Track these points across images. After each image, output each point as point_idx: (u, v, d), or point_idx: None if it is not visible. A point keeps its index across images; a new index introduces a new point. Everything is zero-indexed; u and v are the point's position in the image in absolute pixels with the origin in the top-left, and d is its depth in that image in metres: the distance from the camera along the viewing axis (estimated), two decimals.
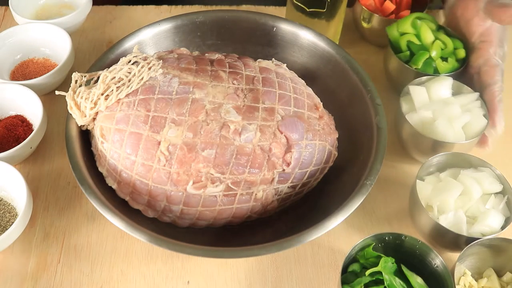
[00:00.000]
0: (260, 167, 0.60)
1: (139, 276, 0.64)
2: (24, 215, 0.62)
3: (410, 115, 0.71)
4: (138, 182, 0.60)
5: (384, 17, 0.86)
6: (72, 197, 0.70)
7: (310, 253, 0.66)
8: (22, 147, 0.68)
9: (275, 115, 0.61)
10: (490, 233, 0.61)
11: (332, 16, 0.81)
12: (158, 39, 0.76)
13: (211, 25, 0.77)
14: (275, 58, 0.74)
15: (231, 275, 0.64)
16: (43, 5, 0.92)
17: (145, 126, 0.59)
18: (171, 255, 0.65)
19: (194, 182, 0.58)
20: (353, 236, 0.68)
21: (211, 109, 0.60)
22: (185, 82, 0.62)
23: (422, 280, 0.58)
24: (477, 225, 0.62)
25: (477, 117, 0.70)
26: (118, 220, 0.56)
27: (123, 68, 0.62)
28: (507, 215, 0.63)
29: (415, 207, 0.64)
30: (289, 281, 0.64)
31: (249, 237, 0.64)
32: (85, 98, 0.61)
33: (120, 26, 0.93)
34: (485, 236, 0.61)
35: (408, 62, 0.78)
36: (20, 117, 0.74)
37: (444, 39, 0.78)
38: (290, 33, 0.77)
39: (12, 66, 0.82)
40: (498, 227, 0.62)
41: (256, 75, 0.65)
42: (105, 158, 0.62)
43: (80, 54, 0.87)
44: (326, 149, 0.64)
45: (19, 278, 0.63)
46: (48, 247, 0.65)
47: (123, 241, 0.66)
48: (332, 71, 0.75)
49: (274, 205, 0.64)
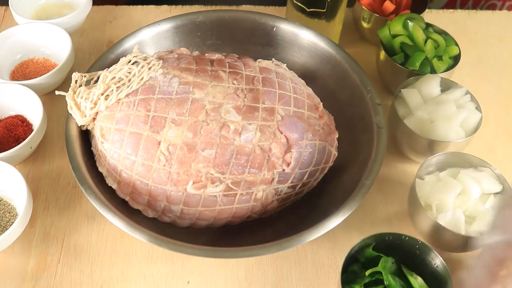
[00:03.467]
0: (260, 167, 0.60)
1: (139, 276, 0.64)
2: (24, 215, 0.62)
3: (408, 118, 0.71)
4: (138, 182, 0.60)
5: (384, 17, 0.86)
6: (72, 197, 0.70)
7: (310, 253, 0.66)
8: (22, 147, 0.68)
9: (275, 115, 0.61)
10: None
11: (332, 16, 0.81)
12: (158, 39, 0.76)
13: (211, 25, 0.77)
14: (275, 58, 0.74)
15: (231, 275, 0.64)
16: (43, 5, 0.92)
17: (145, 126, 0.59)
18: (171, 255, 0.65)
19: (194, 182, 0.58)
20: (353, 236, 0.68)
21: (211, 109, 0.60)
22: (185, 82, 0.62)
23: (422, 280, 0.58)
24: (476, 225, 0.62)
25: (471, 112, 0.71)
26: (118, 220, 0.56)
27: (123, 68, 0.63)
28: None
29: (414, 206, 0.64)
30: (289, 281, 0.64)
31: (249, 237, 0.64)
32: (85, 98, 0.61)
33: (120, 26, 0.93)
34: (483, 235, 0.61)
35: (403, 63, 0.78)
36: (20, 117, 0.74)
37: (436, 37, 0.79)
38: (290, 33, 0.77)
39: (12, 66, 0.82)
40: None
41: (256, 75, 0.65)
42: (105, 158, 0.62)
43: (80, 54, 0.87)
44: (326, 149, 0.64)
45: (19, 278, 0.63)
46: (48, 247, 0.65)
47: (123, 241, 0.66)
48: (332, 71, 0.75)
49: (274, 205, 0.64)
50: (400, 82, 0.75)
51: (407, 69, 0.77)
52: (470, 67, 0.89)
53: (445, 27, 0.83)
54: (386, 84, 0.83)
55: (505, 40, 0.95)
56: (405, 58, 0.79)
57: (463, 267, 0.65)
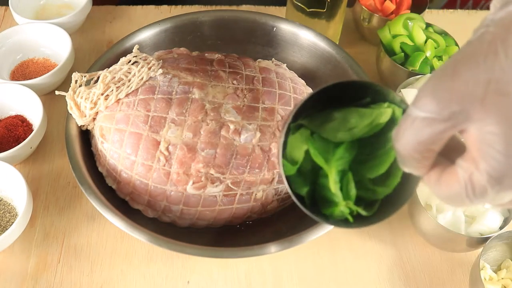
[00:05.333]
0: (260, 167, 0.60)
1: (139, 276, 0.64)
2: (24, 215, 0.62)
3: None
4: (138, 182, 0.60)
5: (384, 17, 0.86)
6: (72, 197, 0.70)
7: (310, 253, 0.66)
8: (22, 147, 0.68)
9: (275, 115, 0.61)
10: (489, 233, 0.61)
11: (332, 16, 0.81)
12: (158, 39, 0.76)
13: (211, 25, 0.77)
14: (275, 58, 0.74)
15: (231, 275, 0.64)
16: (43, 5, 0.92)
17: (145, 126, 0.59)
18: (171, 255, 0.65)
19: (194, 182, 0.58)
20: (352, 236, 0.68)
21: (211, 109, 0.60)
22: (185, 82, 0.62)
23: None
24: (476, 225, 0.62)
25: None
26: (118, 220, 0.56)
27: (123, 68, 0.63)
28: (506, 215, 0.63)
29: (414, 206, 0.64)
30: (289, 281, 0.64)
31: (249, 237, 0.64)
32: (85, 98, 0.61)
33: (120, 26, 0.93)
34: (483, 235, 0.61)
35: (403, 63, 0.78)
36: (20, 117, 0.74)
37: (436, 37, 0.79)
38: (290, 33, 0.77)
39: (12, 66, 0.82)
40: (497, 227, 0.62)
41: (256, 75, 0.65)
42: (105, 158, 0.62)
43: (80, 54, 0.87)
44: None
45: (19, 278, 0.63)
46: (48, 247, 0.65)
47: (123, 241, 0.66)
48: (332, 71, 0.75)
49: (274, 205, 0.64)
50: (400, 82, 0.75)
51: (407, 69, 0.77)
52: None
53: (445, 27, 0.83)
54: (386, 84, 0.83)
55: None
56: (405, 58, 0.79)
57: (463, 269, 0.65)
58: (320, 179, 0.44)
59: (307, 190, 0.44)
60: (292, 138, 0.44)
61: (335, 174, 0.43)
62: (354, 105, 0.43)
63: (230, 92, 0.62)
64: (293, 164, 0.44)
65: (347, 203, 0.43)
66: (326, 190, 0.44)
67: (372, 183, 0.43)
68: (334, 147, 0.43)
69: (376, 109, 0.42)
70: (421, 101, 0.33)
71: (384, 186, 0.43)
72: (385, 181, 0.43)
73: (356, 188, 0.43)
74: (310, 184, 0.45)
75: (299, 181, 0.45)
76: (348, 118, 0.43)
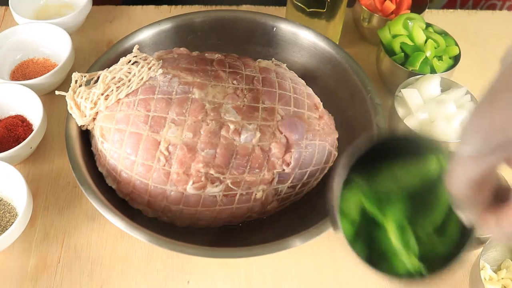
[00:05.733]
0: (260, 167, 0.60)
1: (139, 276, 0.64)
2: (24, 215, 0.62)
3: (408, 118, 0.71)
4: (138, 182, 0.60)
5: (384, 17, 0.86)
6: (72, 197, 0.70)
7: (310, 253, 0.66)
8: (22, 147, 0.68)
9: (275, 115, 0.61)
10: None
11: (332, 16, 0.81)
12: (158, 39, 0.76)
13: (211, 25, 0.77)
14: (275, 58, 0.74)
15: (231, 275, 0.64)
16: (43, 5, 0.92)
17: (145, 126, 0.59)
18: (171, 255, 0.65)
19: (194, 182, 0.58)
20: None
21: (211, 109, 0.60)
22: (185, 82, 0.62)
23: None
24: None
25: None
26: (118, 220, 0.56)
27: (123, 68, 0.63)
28: None
29: None
30: (289, 281, 0.64)
31: (249, 237, 0.64)
32: (85, 98, 0.61)
33: (120, 26, 0.93)
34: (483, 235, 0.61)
35: (403, 63, 0.78)
36: (20, 117, 0.74)
37: (436, 37, 0.79)
38: (290, 33, 0.77)
39: (12, 66, 0.82)
40: None
41: (256, 75, 0.65)
42: (105, 158, 0.62)
43: (80, 54, 0.87)
44: (326, 149, 0.64)
45: (19, 278, 0.63)
46: (48, 247, 0.65)
47: (123, 241, 0.66)
48: (332, 71, 0.75)
49: (274, 205, 0.64)
50: (400, 82, 0.75)
51: (407, 69, 0.77)
52: (470, 67, 0.89)
53: (445, 27, 0.83)
54: (386, 84, 0.83)
55: (505, 40, 0.95)
56: (405, 58, 0.79)
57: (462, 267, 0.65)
58: (376, 234, 0.44)
59: (363, 246, 0.44)
60: (345, 194, 0.44)
61: (395, 230, 0.43)
62: (401, 159, 0.44)
63: (230, 92, 0.62)
64: (349, 221, 0.44)
65: (412, 259, 0.42)
66: (384, 245, 0.43)
67: (429, 237, 0.43)
68: (388, 203, 0.44)
69: (424, 163, 0.43)
70: (467, 141, 0.34)
71: (442, 240, 0.43)
72: (442, 235, 0.43)
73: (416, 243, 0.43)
74: (365, 241, 0.45)
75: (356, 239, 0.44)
76: (398, 175, 0.43)
